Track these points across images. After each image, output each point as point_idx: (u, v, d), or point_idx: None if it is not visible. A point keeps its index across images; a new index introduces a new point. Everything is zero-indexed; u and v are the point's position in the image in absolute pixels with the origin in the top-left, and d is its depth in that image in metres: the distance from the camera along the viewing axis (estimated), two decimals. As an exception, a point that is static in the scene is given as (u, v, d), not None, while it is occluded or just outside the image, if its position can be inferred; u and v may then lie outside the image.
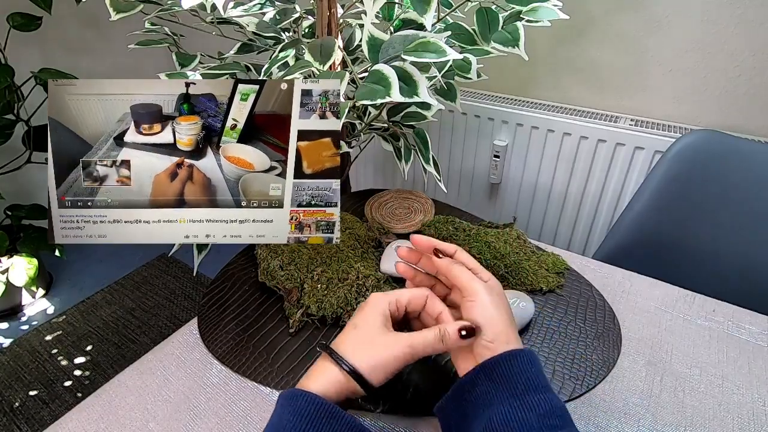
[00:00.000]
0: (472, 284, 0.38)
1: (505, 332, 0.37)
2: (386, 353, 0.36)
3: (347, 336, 0.38)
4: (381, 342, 0.37)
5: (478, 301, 0.38)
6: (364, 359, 0.36)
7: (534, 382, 0.34)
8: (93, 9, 1.40)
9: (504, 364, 0.35)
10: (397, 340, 0.37)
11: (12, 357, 1.38)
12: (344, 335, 0.39)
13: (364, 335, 0.38)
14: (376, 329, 0.38)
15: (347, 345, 0.37)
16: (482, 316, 0.37)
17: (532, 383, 0.34)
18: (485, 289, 0.38)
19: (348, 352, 0.37)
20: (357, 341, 0.38)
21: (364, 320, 0.39)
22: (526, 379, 0.34)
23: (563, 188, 1.18)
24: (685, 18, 0.95)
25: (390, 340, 0.37)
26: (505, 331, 0.37)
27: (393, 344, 0.37)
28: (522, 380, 0.34)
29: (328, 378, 0.36)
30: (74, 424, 0.45)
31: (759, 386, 0.48)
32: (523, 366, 0.34)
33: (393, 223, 0.71)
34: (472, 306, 0.38)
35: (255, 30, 0.67)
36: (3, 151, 1.39)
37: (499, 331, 0.36)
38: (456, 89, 0.75)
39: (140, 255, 1.77)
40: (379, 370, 0.36)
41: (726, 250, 0.75)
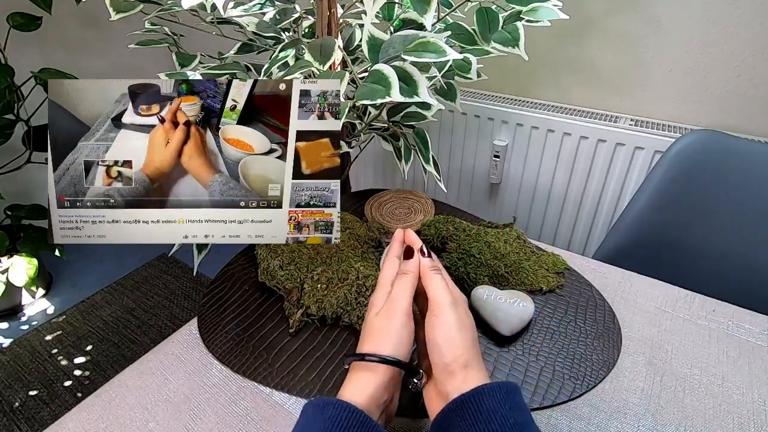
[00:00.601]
0: (441, 298, 0.38)
1: (464, 355, 0.36)
2: (394, 326, 0.37)
3: (364, 333, 0.39)
4: (382, 322, 0.38)
5: (441, 318, 0.37)
6: (386, 345, 0.37)
7: (509, 421, 0.32)
8: (93, 9, 1.40)
9: (474, 401, 0.33)
10: (390, 309, 0.38)
11: (12, 357, 1.38)
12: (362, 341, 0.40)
13: (372, 327, 0.39)
14: (372, 315, 0.39)
15: (365, 343, 0.38)
16: (442, 335, 0.36)
17: (508, 423, 0.32)
18: (451, 303, 0.38)
19: (368, 348, 0.37)
20: (371, 335, 0.38)
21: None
22: (501, 418, 0.32)
23: (563, 188, 1.18)
24: (685, 18, 0.95)
25: (389, 314, 0.38)
26: (464, 354, 0.36)
27: (393, 316, 0.38)
28: (497, 420, 0.32)
29: (361, 384, 0.36)
30: (74, 424, 0.45)
31: (759, 386, 0.48)
32: (494, 404, 0.32)
33: (393, 223, 0.71)
34: (435, 322, 0.37)
35: (255, 30, 0.67)
36: (3, 151, 1.39)
37: (458, 354, 0.36)
38: (456, 89, 0.75)
39: (140, 255, 1.77)
40: (403, 345, 0.37)
41: (726, 250, 0.75)
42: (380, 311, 0.39)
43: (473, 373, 0.35)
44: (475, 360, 0.36)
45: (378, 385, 0.35)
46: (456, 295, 0.40)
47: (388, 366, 0.36)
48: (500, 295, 0.54)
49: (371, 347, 0.37)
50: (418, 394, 0.40)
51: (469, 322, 0.39)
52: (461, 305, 0.39)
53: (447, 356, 0.36)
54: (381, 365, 0.36)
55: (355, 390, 0.35)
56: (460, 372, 0.35)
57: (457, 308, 0.38)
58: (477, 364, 0.36)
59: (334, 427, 0.32)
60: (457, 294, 0.40)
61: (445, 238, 0.65)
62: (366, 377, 0.36)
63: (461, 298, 0.40)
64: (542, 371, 0.49)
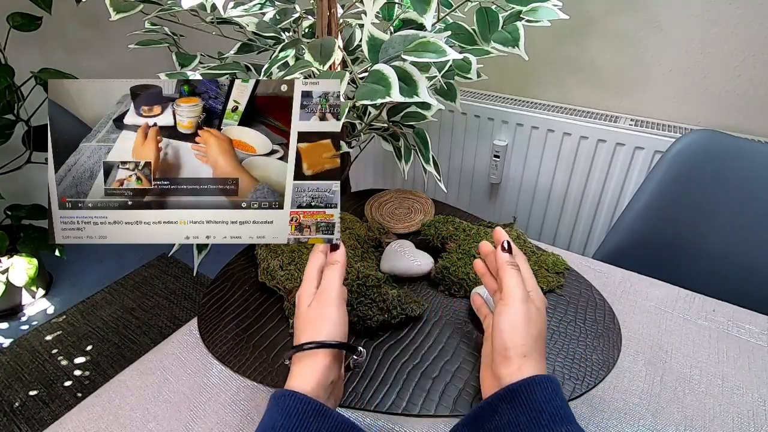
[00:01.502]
0: (513, 289, 0.39)
1: (525, 346, 0.36)
2: (328, 314, 0.38)
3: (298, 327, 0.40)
4: (316, 312, 0.38)
5: (509, 308, 0.38)
6: (322, 331, 0.37)
7: (560, 413, 0.32)
8: (93, 9, 1.41)
9: (526, 390, 0.34)
10: (322, 299, 0.39)
11: (12, 357, 1.38)
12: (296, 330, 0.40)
13: (305, 320, 0.39)
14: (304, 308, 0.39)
15: (301, 335, 0.38)
16: (508, 323, 0.37)
17: (558, 414, 0.32)
18: (522, 298, 0.39)
19: (305, 338, 0.38)
20: (306, 327, 0.38)
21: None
22: (552, 409, 0.32)
23: (563, 188, 1.18)
24: (685, 18, 0.95)
25: (321, 303, 0.39)
26: (525, 345, 0.36)
27: (326, 304, 0.38)
28: (547, 410, 0.32)
29: (305, 372, 0.36)
30: (74, 424, 0.45)
31: (759, 386, 0.48)
32: (546, 395, 0.33)
33: (393, 223, 0.71)
34: (503, 310, 0.38)
35: (255, 30, 0.67)
36: (3, 151, 1.39)
37: (519, 344, 0.36)
38: (456, 89, 0.75)
39: (140, 255, 1.77)
40: (338, 327, 0.38)
41: (726, 250, 0.75)
42: (312, 302, 0.39)
43: (531, 363, 0.36)
44: (536, 353, 0.37)
45: (322, 370, 0.36)
46: (534, 294, 0.40)
47: (328, 350, 0.37)
48: (500, 295, 0.54)
49: (309, 337, 0.37)
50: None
51: (539, 319, 0.39)
52: (534, 303, 0.40)
53: (508, 342, 0.36)
54: (320, 350, 0.37)
55: (302, 378, 0.36)
56: (517, 359, 0.36)
57: (528, 304, 0.39)
58: (538, 358, 0.37)
59: (290, 418, 0.32)
60: (536, 294, 0.41)
61: (445, 238, 0.65)
62: (308, 365, 0.36)
63: (539, 298, 0.41)
64: (542, 371, 0.49)
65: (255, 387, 0.48)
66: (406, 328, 0.54)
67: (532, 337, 0.37)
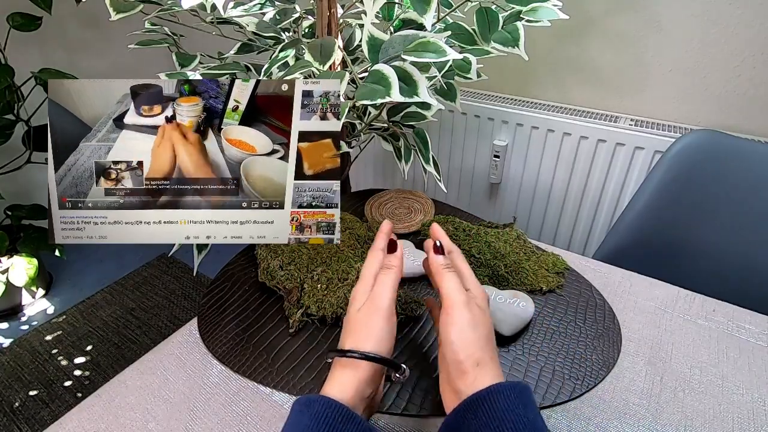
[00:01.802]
0: (453, 294, 0.38)
1: (476, 353, 0.35)
2: (376, 323, 0.37)
3: (346, 329, 0.39)
4: (364, 318, 0.38)
5: (453, 317, 0.37)
6: (368, 341, 0.37)
7: (523, 420, 0.31)
8: (93, 9, 1.40)
9: (487, 401, 0.33)
10: (372, 306, 0.38)
11: (12, 357, 1.38)
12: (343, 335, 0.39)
13: (354, 323, 0.39)
14: (354, 309, 0.39)
15: (347, 339, 0.38)
16: (455, 333, 0.36)
17: (521, 422, 0.31)
18: (464, 302, 0.37)
19: (350, 344, 0.37)
20: (353, 331, 0.38)
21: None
22: (515, 417, 0.31)
23: (563, 188, 1.18)
24: (685, 18, 0.95)
25: (370, 311, 0.38)
26: (476, 353, 0.35)
27: (375, 312, 0.38)
28: (510, 419, 0.31)
29: (344, 381, 0.36)
30: (74, 424, 0.45)
31: (759, 386, 0.48)
32: (509, 403, 0.32)
33: (393, 223, 0.71)
34: (447, 321, 0.37)
35: (255, 30, 0.67)
36: (3, 151, 1.39)
37: (470, 353, 0.35)
38: (456, 89, 0.75)
39: (140, 255, 1.77)
40: (385, 341, 0.37)
41: (726, 250, 0.75)
42: (362, 307, 0.39)
43: (485, 371, 0.35)
44: (489, 358, 0.36)
45: (361, 381, 0.36)
46: (475, 292, 0.39)
47: (371, 362, 0.36)
48: (500, 295, 0.54)
49: (353, 343, 0.37)
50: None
51: (484, 319, 0.38)
52: (477, 303, 0.39)
53: (459, 354, 0.35)
54: (363, 361, 0.36)
55: (339, 386, 0.35)
56: (472, 370, 0.35)
57: (471, 307, 0.38)
58: (490, 362, 0.36)
59: (319, 423, 0.32)
60: (477, 291, 0.40)
61: (445, 238, 0.65)
62: (349, 373, 0.36)
63: (480, 295, 0.40)
64: (542, 371, 0.49)
65: (255, 387, 0.48)
66: (406, 328, 0.54)
67: (482, 341, 0.36)
